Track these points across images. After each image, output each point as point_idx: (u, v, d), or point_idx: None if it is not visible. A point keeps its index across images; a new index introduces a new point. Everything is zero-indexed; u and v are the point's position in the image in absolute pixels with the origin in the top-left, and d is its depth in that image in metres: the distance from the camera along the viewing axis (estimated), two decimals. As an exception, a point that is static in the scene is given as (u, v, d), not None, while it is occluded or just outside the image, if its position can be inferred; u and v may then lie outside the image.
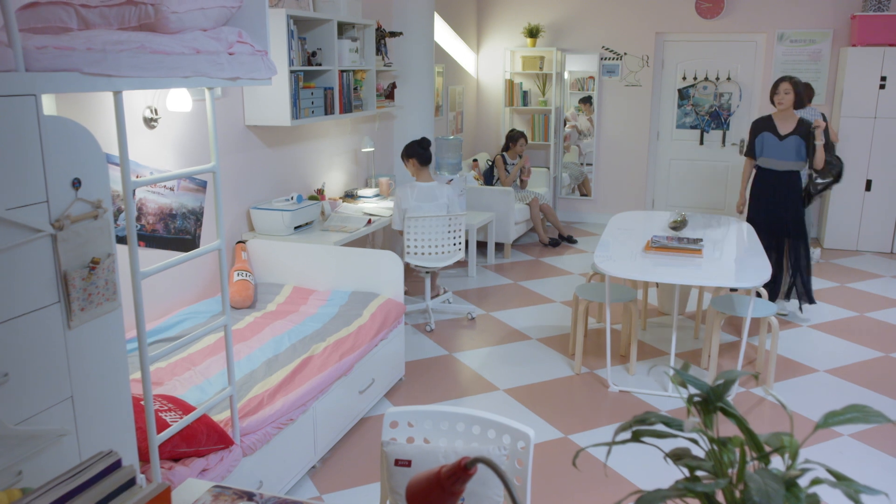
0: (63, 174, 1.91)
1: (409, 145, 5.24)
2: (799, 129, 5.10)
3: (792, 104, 5.10)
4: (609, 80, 8.40)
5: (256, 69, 2.73)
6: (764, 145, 5.19)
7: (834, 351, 4.87)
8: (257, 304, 4.22)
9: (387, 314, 4.09)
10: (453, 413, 2.17)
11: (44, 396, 1.90)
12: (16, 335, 1.82)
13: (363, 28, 5.47)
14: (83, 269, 1.97)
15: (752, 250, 4.47)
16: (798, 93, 5.12)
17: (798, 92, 5.12)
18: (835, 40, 7.53)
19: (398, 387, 4.30)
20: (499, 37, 8.72)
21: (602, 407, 4.09)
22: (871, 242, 7.41)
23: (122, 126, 2.15)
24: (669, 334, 5.15)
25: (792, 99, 5.08)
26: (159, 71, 2.24)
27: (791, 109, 5.13)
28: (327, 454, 3.56)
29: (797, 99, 5.16)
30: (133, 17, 2.45)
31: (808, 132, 5.07)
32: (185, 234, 4.05)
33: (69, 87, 1.93)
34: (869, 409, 1.20)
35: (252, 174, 4.73)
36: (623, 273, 4.03)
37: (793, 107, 5.13)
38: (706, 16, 7.84)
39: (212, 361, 3.40)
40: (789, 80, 5.08)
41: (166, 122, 3.92)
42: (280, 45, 4.42)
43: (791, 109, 5.13)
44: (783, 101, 5.08)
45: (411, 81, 6.49)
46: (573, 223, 8.69)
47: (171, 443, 2.52)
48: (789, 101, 5.07)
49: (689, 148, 8.35)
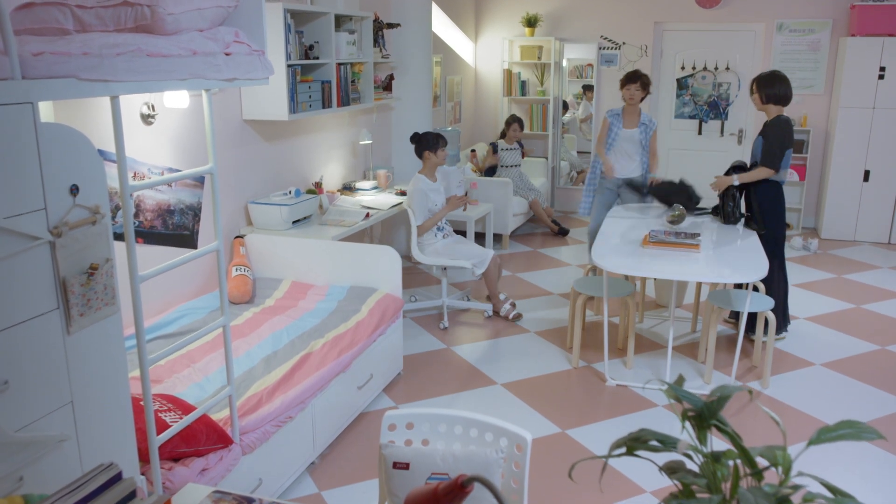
0: (61, 181, 1.91)
1: (428, 136, 5.16)
2: (764, 129, 4.70)
3: (761, 103, 4.69)
4: (607, 70, 8.38)
5: (253, 69, 2.72)
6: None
7: (831, 344, 4.89)
8: (256, 299, 4.23)
9: (385, 309, 4.10)
10: (451, 416, 2.18)
11: (44, 402, 1.91)
12: (15, 342, 1.83)
13: (360, 20, 5.45)
14: (82, 275, 1.98)
15: (749, 245, 4.47)
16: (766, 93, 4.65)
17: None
18: (834, 30, 7.51)
19: (397, 381, 4.32)
20: (497, 26, 8.68)
21: (599, 401, 4.12)
22: (869, 233, 7.42)
23: (119, 130, 2.15)
24: (667, 327, 5.17)
25: (757, 100, 4.70)
26: (156, 74, 2.24)
27: (767, 109, 4.70)
28: (326, 450, 3.58)
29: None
30: (129, 19, 2.44)
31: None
32: (183, 230, 4.05)
33: (66, 93, 1.93)
34: (862, 424, 1.22)
35: (250, 168, 4.72)
36: (621, 269, 4.04)
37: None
38: (705, 5, 7.81)
39: (211, 358, 3.41)
40: (756, 80, 4.70)
41: (163, 119, 3.91)
42: (277, 40, 4.40)
43: (767, 109, 4.70)
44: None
45: (409, 73, 6.47)
46: (572, 213, 8.70)
47: (170, 443, 2.54)
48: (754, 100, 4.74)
49: (688, 137, 8.34)
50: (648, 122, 5.56)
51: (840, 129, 7.29)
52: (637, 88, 5.47)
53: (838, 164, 7.36)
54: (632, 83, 5.46)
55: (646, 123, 5.55)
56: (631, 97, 5.47)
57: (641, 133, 5.53)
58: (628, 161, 5.58)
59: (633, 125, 5.54)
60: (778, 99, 4.62)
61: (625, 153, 5.58)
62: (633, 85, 5.46)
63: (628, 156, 5.58)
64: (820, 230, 7.63)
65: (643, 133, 5.54)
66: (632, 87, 5.46)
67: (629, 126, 5.53)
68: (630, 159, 5.59)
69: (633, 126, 5.53)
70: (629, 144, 5.54)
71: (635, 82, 5.46)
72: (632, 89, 5.46)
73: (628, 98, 5.47)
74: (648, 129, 5.54)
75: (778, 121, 4.61)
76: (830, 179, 7.41)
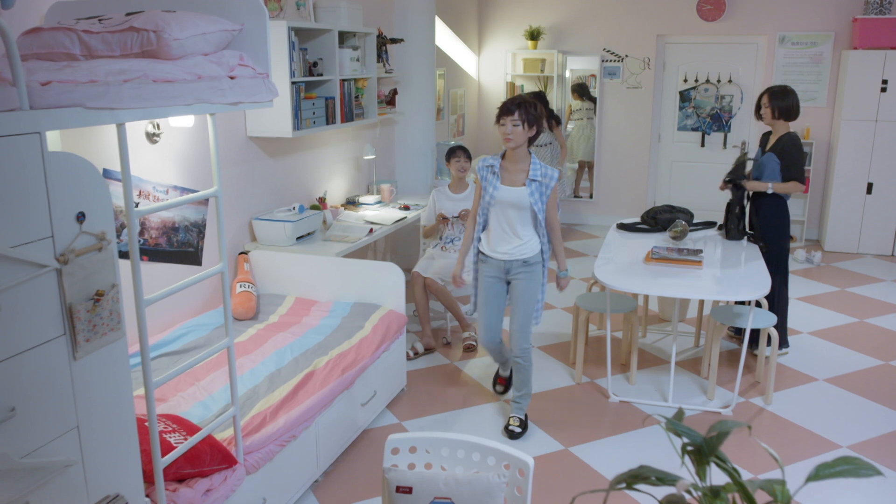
0: (67, 208, 1.93)
1: (447, 149, 5.24)
2: (776, 145, 4.66)
3: (771, 117, 4.65)
4: (610, 83, 8.41)
5: (258, 92, 2.75)
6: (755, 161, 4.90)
7: (834, 359, 4.89)
8: (259, 316, 4.25)
9: (388, 326, 4.12)
10: (454, 440, 2.19)
11: (50, 428, 1.93)
12: (22, 369, 1.84)
13: (364, 36, 5.48)
14: (88, 302, 2.00)
15: (752, 262, 4.48)
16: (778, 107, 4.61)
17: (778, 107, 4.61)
18: (836, 43, 7.53)
19: (400, 397, 4.33)
20: (500, 39, 8.72)
21: (603, 418, 4.12)
22: (872, 245, 7.42)
23: (125, 156, 2.17)
24: (670, 342, 5.18)
25: (770, 112, 4.64)
26: (161, 100, 2.26)
27: (775, 123, 4.68)
28: (330, 468, 3.59)
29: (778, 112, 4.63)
30: (136, 44, 2.47)
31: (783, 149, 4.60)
32: (188, 247, 4.08)
33: (73, 122, 1.95)
34: (860, 460, 1.23)
35: (254, 185, 4.75)
36: (624, 286, 4.05)
37: (773, 120, 4.66)
38: (707, 18, 7.84)
39: (215, 376, 3.43)
40: (767, 93, 4.66)
41: (169, 137, 3.94)
42: (281, 57, 4.43)
43: (775, 123, 4.68)
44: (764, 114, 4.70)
45: (413, 87, 6.51)
46: (574, 225, 8.71)
47: (175, 464, 2.55)
48: (768, 115, 4.66)
49: (691, 150, 8.36)
50: (542, 176, 3.60)
51: (843, 142, 7.30)
52: (516, 122, 3.51)
53: (841, 177, 7.37)
54: (508, 116, 3.53)
55: (538, 179, 3.59)
56: (508, 138, 3.54)
57: (532, 194, 3.60)
58: (511, 239, 3.71)
59: (518, 182, 3.62)
60: (789, 113, 4.62)
61: (504, 227, 3.69)
62: (510, 118, 3.52)
63: (511, 231, 3.68)
64: (823, 242, 7.63)
65: (534, 194, 3.60)
66: (508, 121, 3.53)
67: (511, 183, 3.64)
68: (513, 236, 3.69)
69: (518, 183, 3.62)
70: (512, 212, 3.65)
71: (511, 114, 3.52)
72: (508, 124, 3.53)
73: (504, 139, 3.57)
74: (543, 188, 3.62)
75: (791, 137, 4.63)
76: (834, 192, 7.42)
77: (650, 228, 5.19)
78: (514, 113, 3.52)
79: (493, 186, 3.65)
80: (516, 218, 3.66)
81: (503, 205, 3.65)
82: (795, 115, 4.64)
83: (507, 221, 3.68)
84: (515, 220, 3.66)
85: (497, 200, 3.65)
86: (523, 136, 3.56)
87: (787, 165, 4.61)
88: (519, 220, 3.67)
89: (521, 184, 3.62)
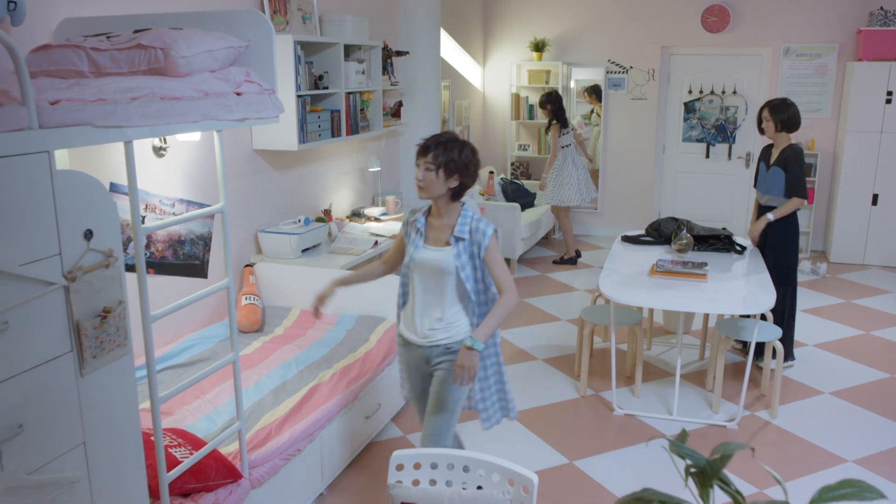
0: (75, 226, 1.95)
1: None
2: (779, 159, 4.70)
3: (774, 131, 4.69)
4: (615, 94, 8.42)
5: (264, 108, 2.77)
6: (758, 175, 4.90)
7: (839, 372, 4.88)
8: (265, 328, 4.26)
9: (393, 339, 4.12)
10: (458, 456, 2.20)
11: (57, 444, 1.94)
12: (30, 386, 1.86)
13: (370, 49, 5.51)
14: (95, 318, 2.01)
15: (757, 275, 4.48)
16: (780, 120, 4.63)
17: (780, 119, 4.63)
18: (841, 55, 7.54)
19: (405, 410, 4.33)
20: (505, 51, 8.76)
21: (607, 431, 4.11)
22: (878, 257, 7.41)
23: (132, 173, 2.19)
24: (675, 354, 5.17)
25: (773, 126, 4.68)
26: (168, 118, 2.28)
27: (777, 137, 4.71)
28: (335, 481, 3.59)
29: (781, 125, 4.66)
30: (143, 61, 2.50)
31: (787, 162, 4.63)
32: (194, 259, 4.10)
33: (81, 140, 1.97)
34: (863, 483, 1.23)
35: (260, 198, 4.77)
36: (628, 299, 4.05)
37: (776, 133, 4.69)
38: (712, 30, 7.86)
39: (221, 389, 3.43)
40: (767, 107, 4.70)
41: (175, 151, 3.96)
42: (287, 71, 4.46)
43: (777, 137, 4.71)
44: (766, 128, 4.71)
45: (418, 99, 6.53)
46: (580, 236, 8.71)
47: (181, 479, 2.56)
48: (771, 128, 4.70)
49: (696, 161, 8.37)
50: (474, 230, 2.77)
51: (848, 153, 7.30)
52: (429, 165, 2.73)
53: (846, 188, 7.36)
54: (421, 157, 2.76)
55: (464, 238, 2.77)
56: (420, 186, 2.77)
57: (458, 256, 2.77)
58: (436, 312, 2.86)
59: (442, 240, 2.82)
60: (791, 125, 4.65)
61: (429, 298, 2.86)
62: (423, 159, 2.75)
63: (437, 303, 2.85)
64: (829, 254, 7.62)
65: (461, 256, 2.77)
66: (421, 162, 2.76)
67: (435, 242, 2.84)
68: (438, 309, 2.85)
69: (442, 242, 2.82)
70: (435, 280, 2.83)
71: (425, 155, 2.75)
72: (420, 167, 2.76)
73: (418, 185, 2.77)
74: (475, 249, 2.78)
75: (794, 150, 4.65)
76: (839, 203, 7.41)
77: (654, 241, 5.19)
78: (427, 154, 2.74)
79: (415, 246, 2.85)
80: (442, 287, 2.82)
81: (425, 269, 2.82)
82: (797, 127, 4.68)
83: (431, 292, 2.84)
84: (443, 290, 2.82)
85: (417, 263, 2.83)
86: (439, 187, 2.73)
87: (787, 180, 4.63)
88: (447, 290, 2.81)
89: (446, 243, 2.82)
